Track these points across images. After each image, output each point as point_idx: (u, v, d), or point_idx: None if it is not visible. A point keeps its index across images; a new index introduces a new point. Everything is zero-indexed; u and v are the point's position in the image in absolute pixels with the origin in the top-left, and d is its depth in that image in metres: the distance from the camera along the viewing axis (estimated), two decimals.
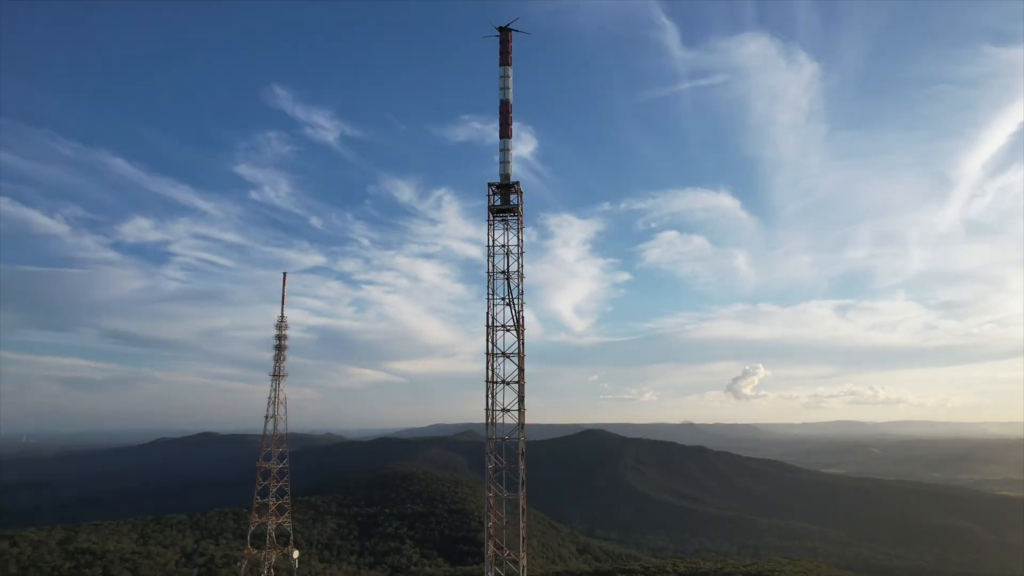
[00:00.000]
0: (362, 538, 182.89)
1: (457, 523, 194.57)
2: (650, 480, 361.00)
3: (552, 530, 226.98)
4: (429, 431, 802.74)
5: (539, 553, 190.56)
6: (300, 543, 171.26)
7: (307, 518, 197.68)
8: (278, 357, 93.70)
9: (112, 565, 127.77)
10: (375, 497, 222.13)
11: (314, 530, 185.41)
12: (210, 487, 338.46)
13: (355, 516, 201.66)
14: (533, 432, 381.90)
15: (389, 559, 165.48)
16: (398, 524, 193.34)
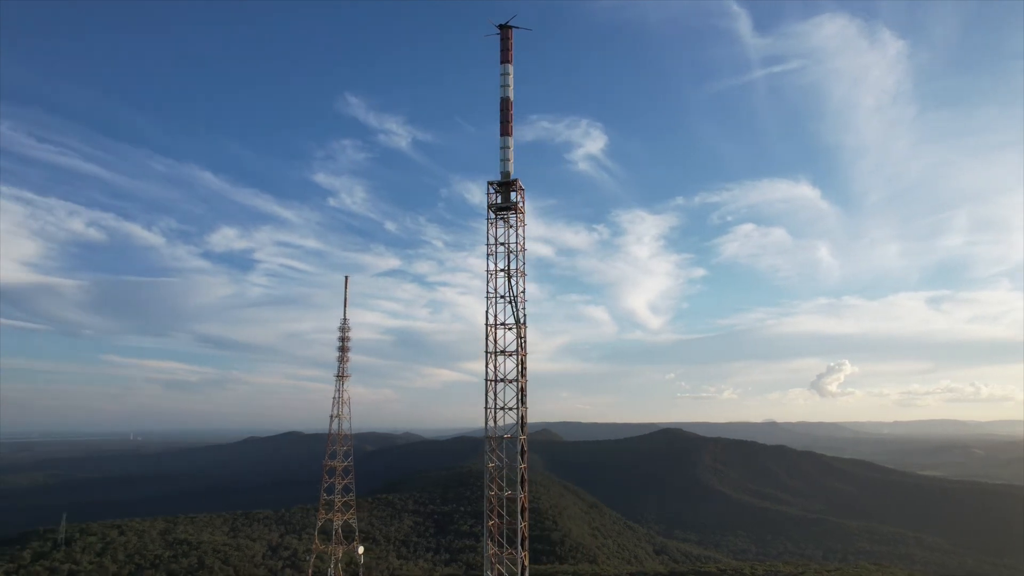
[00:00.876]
0: (437, 535, 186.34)
1: (531, 521, 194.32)
2: (730, 480, 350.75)
3: (628, 530, 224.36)
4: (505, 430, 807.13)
5: (614, 553, 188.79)
6: (378, 539, 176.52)
7: (385, 515, 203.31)
8: (341, 359, 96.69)
9: (206, 555, 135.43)
10: (450, 495, 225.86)
11: (391, 527, 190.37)
12: (295, 484, 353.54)
13: (431, 514, 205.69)
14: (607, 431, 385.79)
15: (464, 557, 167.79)
16: (473, 522, 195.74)
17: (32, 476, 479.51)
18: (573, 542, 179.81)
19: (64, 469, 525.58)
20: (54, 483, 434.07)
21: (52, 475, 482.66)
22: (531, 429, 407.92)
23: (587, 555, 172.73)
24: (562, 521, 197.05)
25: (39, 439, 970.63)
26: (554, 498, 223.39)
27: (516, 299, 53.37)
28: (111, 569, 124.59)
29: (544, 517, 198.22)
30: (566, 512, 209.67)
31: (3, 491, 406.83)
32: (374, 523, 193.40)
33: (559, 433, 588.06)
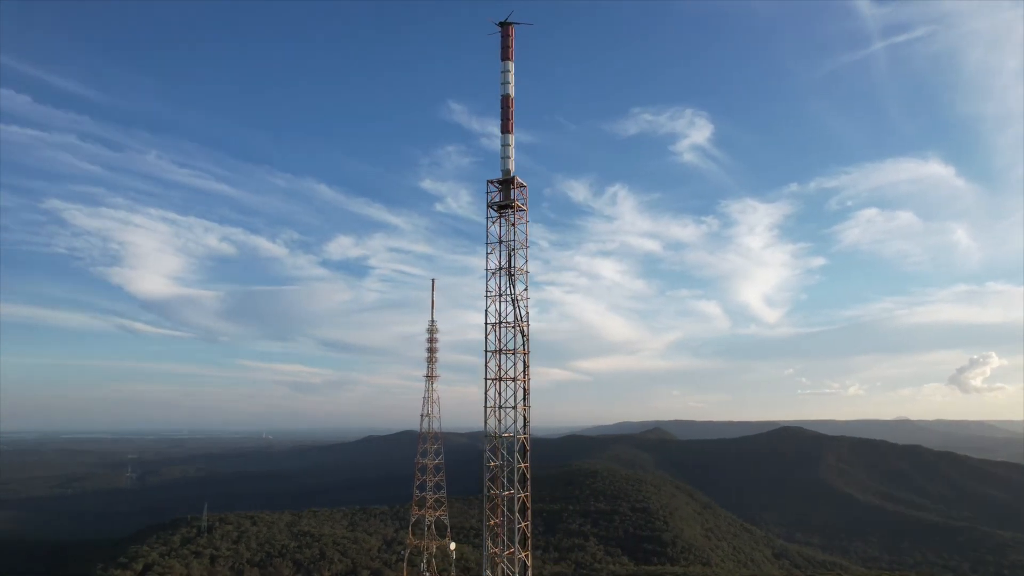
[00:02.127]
0: (547, 534, 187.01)
1: (641, 521, 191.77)
2: (856, 481, 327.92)
3: (744, 532, 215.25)
4: (615, 429, 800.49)
5: (729, 556, 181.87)
6: None
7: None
8: (430, 360, 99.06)
9: (327, 547, 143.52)
10: (559, 494, 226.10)
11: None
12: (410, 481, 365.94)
13: (540, 512, 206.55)
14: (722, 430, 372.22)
15: (573, 555, 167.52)
16: (582, 521, 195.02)
17: (183, 469, 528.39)
18: (685, 543, 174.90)
19: (208, 464, 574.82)
20: (200, 476, 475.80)
21: (199, 469, 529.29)
22: (642, 428, 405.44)
23: (700, 557, 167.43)
24: (673, 521, 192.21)
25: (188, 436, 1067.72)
26: (665, 498, 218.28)
27: (517, 298, 52.85)
28: (245, 555, 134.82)
29: (654, 517, 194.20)
30: (678, 513, 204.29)
31: (160, 482, 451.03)
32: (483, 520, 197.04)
33: (671, 431, 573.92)
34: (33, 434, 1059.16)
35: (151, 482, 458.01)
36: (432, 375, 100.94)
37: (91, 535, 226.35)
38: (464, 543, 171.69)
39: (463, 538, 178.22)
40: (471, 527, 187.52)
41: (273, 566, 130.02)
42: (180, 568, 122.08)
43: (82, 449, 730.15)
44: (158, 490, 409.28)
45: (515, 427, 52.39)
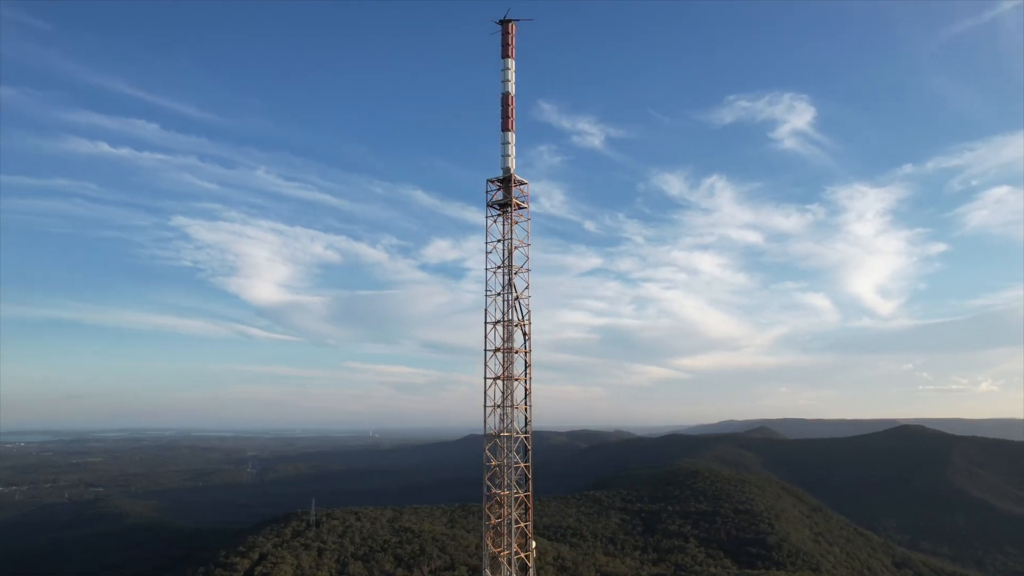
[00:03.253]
0: (645, 534, 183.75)
1: (744, 523, 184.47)
2: (990, 486, 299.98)
3: (859, 538, 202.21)
4: (719, 428, 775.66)
5: (841, 562, 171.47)
6: (585, 535, 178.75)
7: (592, 512, 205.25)
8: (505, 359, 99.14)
9: (426, 543, 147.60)
10: (658, 494, 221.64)
11: (598, 523, 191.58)
12: None
13: (639, 512, 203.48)
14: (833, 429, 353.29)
15: (672, 557, 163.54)
16: (682, 522, 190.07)
17: (296, 466, 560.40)
18: (792, 547, 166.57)
19: (318, 461, 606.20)
20: (311, 473, 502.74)
21: (311, 466, 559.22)
22: (747, 427, 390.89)
23: (808, 562, 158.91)
24: (779, 524, 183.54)
25: (301, 435, 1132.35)
26: (770, 499, 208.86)
27: (518, 297, 52.35)
28: (349, 549, 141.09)
29: (759, 519, 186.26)
30: (784, 515, 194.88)
31: (276, 478, 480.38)
32: (582, 519, 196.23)
33: (779, 431, 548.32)
34: (169, 432, 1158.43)
35: (268, 477, 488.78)
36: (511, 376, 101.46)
37: (217, 524, 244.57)
38: (562, 543, 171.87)
39: (560, 537, 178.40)
40: (568, 526, 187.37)
41: (375, 560, 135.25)
42: (291, 559, 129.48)
43: (209, 446, 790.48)
44: (274, 485, 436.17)
45: (511, 426, 52.59)
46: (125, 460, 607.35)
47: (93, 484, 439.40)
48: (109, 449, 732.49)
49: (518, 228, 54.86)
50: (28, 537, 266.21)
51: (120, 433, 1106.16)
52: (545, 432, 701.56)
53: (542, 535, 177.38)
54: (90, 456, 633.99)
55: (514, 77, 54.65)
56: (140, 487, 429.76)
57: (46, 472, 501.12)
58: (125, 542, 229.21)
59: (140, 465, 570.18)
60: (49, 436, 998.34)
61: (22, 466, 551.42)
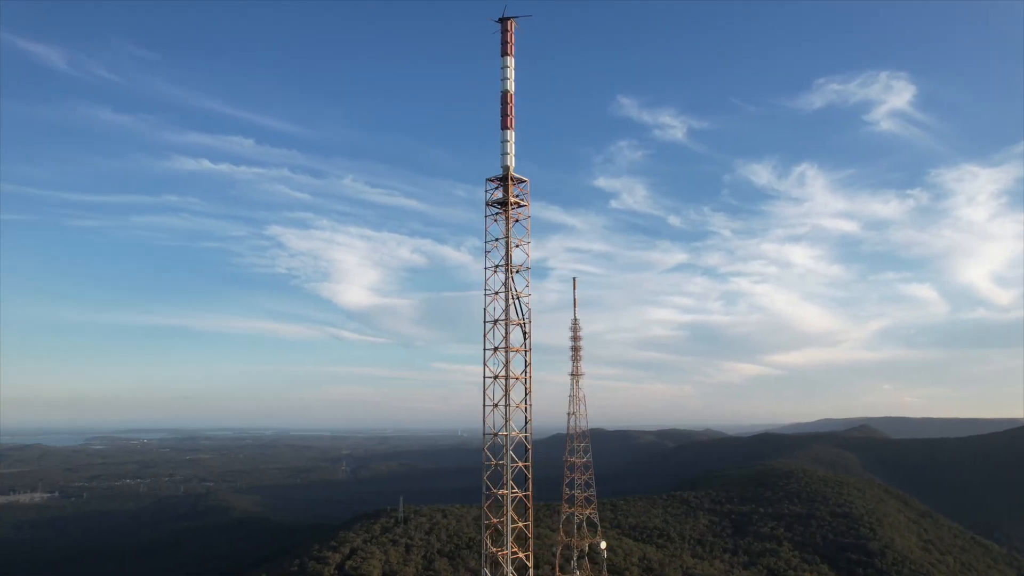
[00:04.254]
0: (735, 536, 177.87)
1: (843, 528, 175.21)
2: None
3: (976, 547, 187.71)
4: (816, 427, 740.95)
5: (956, 572, 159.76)
6: (672, 536, 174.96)
7: (679, 513, 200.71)
8: (575, 358, 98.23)
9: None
10: (749, 495, 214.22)
11: (686, 525, 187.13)
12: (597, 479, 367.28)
13: (728, 513, 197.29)
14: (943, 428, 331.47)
15: (764, 560, 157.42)
16: (774, 524, 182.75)
17: (388, 464, 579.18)
18: (897, 555, 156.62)
19: (409, 459, 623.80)
20: (402, 471, 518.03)
21: (402, 464, 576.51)
22: (847, 425, 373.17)
23: (916, 571, 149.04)
24: (882, 529, 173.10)
25: (392, 434, 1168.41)
26: (872, 503, 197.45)
27: (518, 296, 51.91)
28: (436, 546, 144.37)
29: (859, 523, 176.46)
30: (887, 520, 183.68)
31: (369, 476, 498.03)
32: (668, 520, 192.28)
33: (881, 430, 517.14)
34: (270, 431, 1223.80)
35: (361, 475, 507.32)
36: (577, 373, 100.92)
37: (313, 520, 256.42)
38: (648, 544, 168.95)
39: (646, 538, 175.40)
40: (654, 527, 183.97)
41: (460, 557, 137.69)
42: (379, 554, 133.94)
43: (306, 445, 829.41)
44: (367, 483, 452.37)
45: (509, 426, 52.70)
46: (231, 457, 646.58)
47: (204, 479, 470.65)
48: (217, 447, 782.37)
49: (518, 226, 54.79)
50: (149, 526, 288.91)
51: (227, 432, 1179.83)
52: (632, 431, 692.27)
53: (627, 535, 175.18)
54: (201, 453, 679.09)
55: (513, 75, 54.31)
56: (244, 483, 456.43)
57: (164, 467, 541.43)
58: (232, 534, 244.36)
59: (244, 462, 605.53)
60: (166, 434, 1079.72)
61: (145, 461, 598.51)
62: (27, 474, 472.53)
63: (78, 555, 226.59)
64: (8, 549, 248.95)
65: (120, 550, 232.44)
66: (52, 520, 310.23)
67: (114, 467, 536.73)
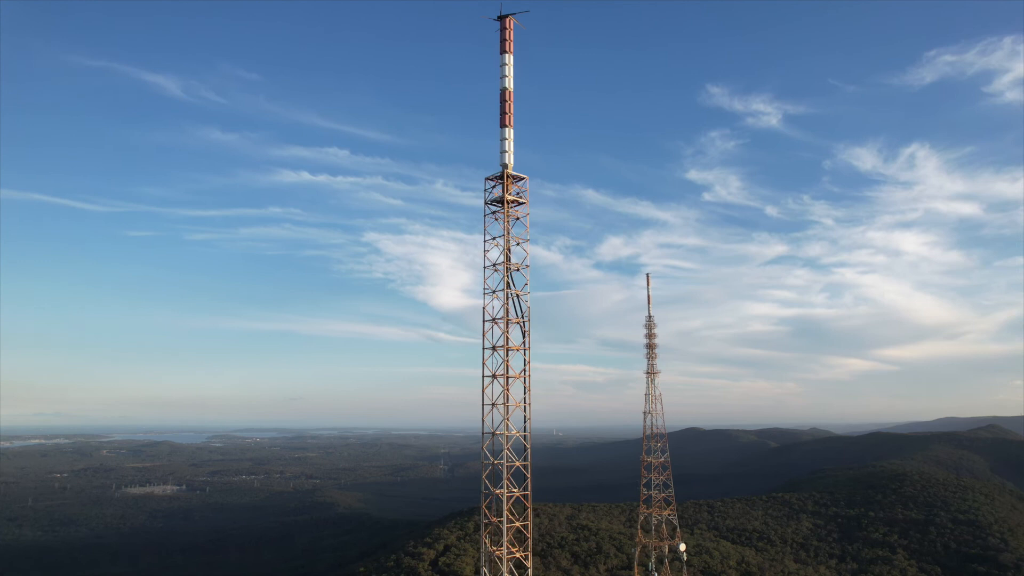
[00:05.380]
0: (842, 541, 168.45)
1: (967, 536, 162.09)
2: None
3: None
4: (936, 426, 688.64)
5: None
6: (772, 539, 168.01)
7: (780, 515, 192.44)
8: (649, 356, 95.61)
9: (603, 542, 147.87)
10: (858, 498, 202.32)
11: (788, 528, 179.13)
12: (692, 480, 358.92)
13: (834, 517, 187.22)
14: None
15: (876, 568, 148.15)
16: (887, 530, 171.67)
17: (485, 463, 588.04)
18: None
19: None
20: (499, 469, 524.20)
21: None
22: (972, 424, 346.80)
23: None
24: (1015, 540, 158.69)
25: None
26: (1002, 510, 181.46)
27: (518, 295, 51.65)
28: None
29: (987, 532, 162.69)
30: (1021, 529, 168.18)
31: (466, 474, 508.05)
32: (768, 523, 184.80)
33: (1014, 430, 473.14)
34: (372, 430, 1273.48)
35: (459, 473, 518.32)
36: (652, 371, 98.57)
37: (412, 516, 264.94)
38: (747, 546, 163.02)
39: (745, 541, 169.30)
40: (753, 529, 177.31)
41: (552, 556, 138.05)
42: (472, 551, 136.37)
43: (406, 444, 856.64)
44: (464, 480, 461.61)
45: (505, 425, 52.91)
46: (336, 456, 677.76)
47: (311, 476, 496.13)
48: (323, 445, 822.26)
49: (518, 224, 54.38)
50: (262, 520, 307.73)
51: (331, 431, 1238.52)
52: (731, 431, 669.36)
53: (725, 537, 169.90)
54: (308, 451, 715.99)
55: (512, 73, 53.35)
56: (348, 480, 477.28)
57: (275, 464, 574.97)
58: (336, 529, 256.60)
59: (348, 460, 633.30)
60: (276, 433, 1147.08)
61: (258, 458, 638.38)
62: (159, 468, 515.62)
63: (203, 543, 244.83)
64: (146, 535, 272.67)
65: (238, 540, 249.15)
66: (180, 510, 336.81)
67: (231, 463, 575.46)
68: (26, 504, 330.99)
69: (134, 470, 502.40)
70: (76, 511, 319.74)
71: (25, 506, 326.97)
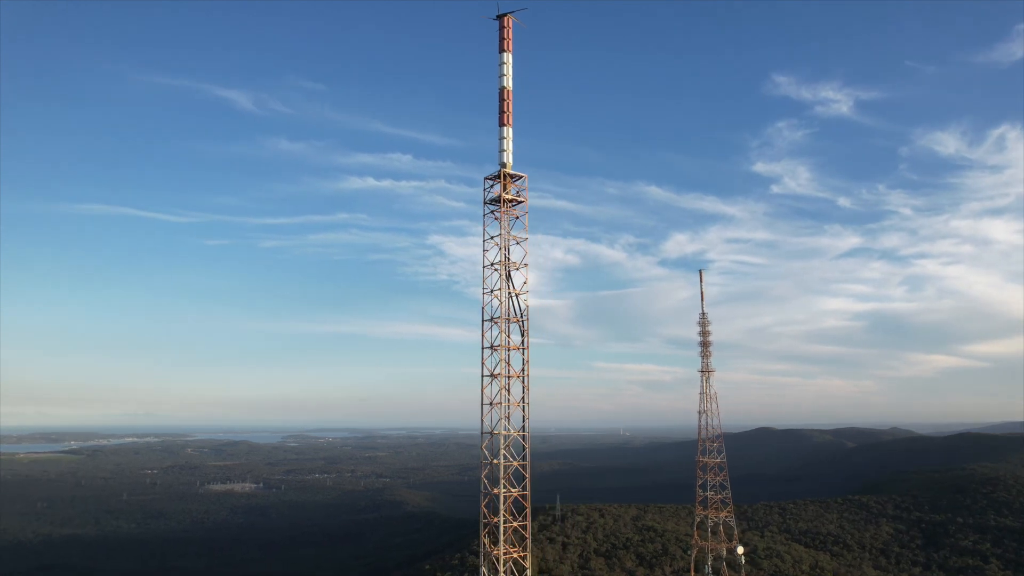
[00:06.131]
0: (927, 548, 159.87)
1: None
2: None
3: None
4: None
5: None
6: (849, 544, 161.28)
7: (857, 519, 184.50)
8: (704, 354, 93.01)
9: (669, 543, 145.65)
10: (943, 502, 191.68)
11: (866, 532, 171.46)
12: (764, 480, 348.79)
13: (917, 522, 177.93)
14: None
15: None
16: (977, 538, 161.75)
17: (550, 463, 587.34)
18: None
19: (570, 458, 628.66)
20: (563, 469, 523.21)
21: (563, 463, 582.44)
22: None
23: None
24: None
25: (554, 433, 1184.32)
26: None
27: (517, 295, 51.58)
28: (592, 545, 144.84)
29: None
30: None
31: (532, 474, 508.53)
32: (844, 526, 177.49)
33: None
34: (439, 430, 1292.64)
35: None
36: (706, 370, 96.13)
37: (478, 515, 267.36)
38: (820, 551, 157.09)
39: (819, 545, 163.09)
40: (828, 533, 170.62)
41: (617, 557, 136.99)
42: (536, 551, 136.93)
43: (473, 443, 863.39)
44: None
45: (499, 424, 52.56)
46: (404, 455, 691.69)
47: (381, 475, 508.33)
48: (392, 445, 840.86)
49: (516, 223, 53.99)
50: (335, 517, 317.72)
51: (400, 431, 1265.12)
52: (805, 430, 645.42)
53: (797, 541, 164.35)
54: (378, 451, 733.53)
55: (511, 72, 52.59)
56: (417, 479, 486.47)
57: (347, 463, 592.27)
58: (406, 527, 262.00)
59: (416, 460, 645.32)
60: (347, 433, 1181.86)
61: (330, 457, 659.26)
62: (238, 467, 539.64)
63: (279, 539, 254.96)
64: (228, 530, 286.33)
65: (312, 537, 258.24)
66: (258, 507, 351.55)
67: (305, 462, 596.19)
68: (121, 498, 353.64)
69: (215, 468, 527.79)
70: (165, 506, 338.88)
71: (121, 500, 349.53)
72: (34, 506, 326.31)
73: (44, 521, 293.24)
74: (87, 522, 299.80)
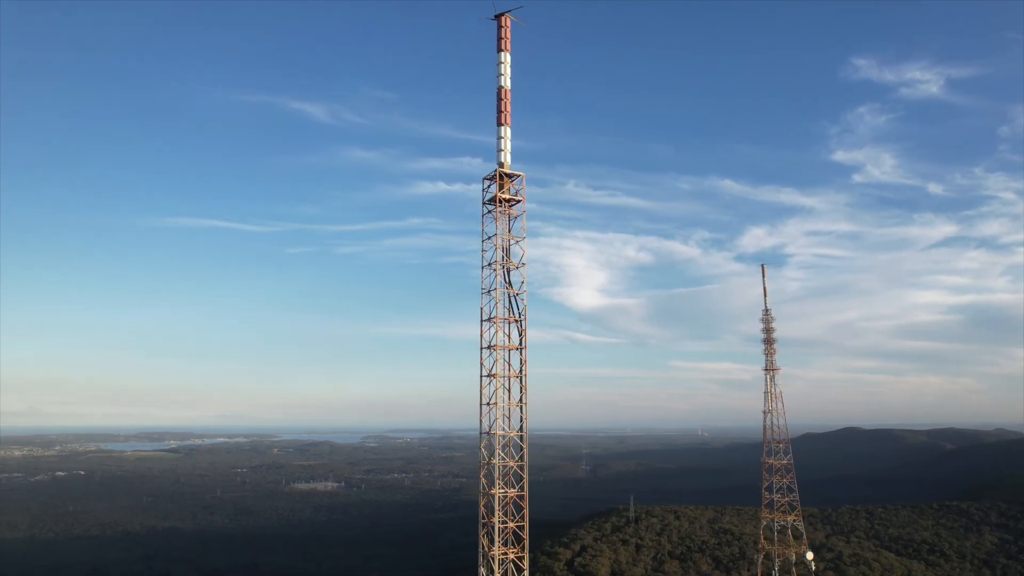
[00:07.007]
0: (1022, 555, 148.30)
1: None
2: None
3: None
4: None
5: None
6: (947, 553, 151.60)
7: (956, 527, 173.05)
8: (768, 351, 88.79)
9: (747, 547, 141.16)
10: None
11: (966, 541, 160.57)
12: (850, 482, 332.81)
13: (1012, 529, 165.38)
14: None
15: None
16: None
17: (626, 463, 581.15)
18: None
19: (647, 459, 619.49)
20: (640, 470, 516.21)
21: (640, 463, 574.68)
22: None
23: None
24: None
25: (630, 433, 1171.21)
26: None
27: (516, 295, 52.14)
28: (666, 548, 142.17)
29: None
30: None
31: (607, 475, 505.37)
32: (941, 534, 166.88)
33: None
34: None
35: (601, 474, 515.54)
36: (771, 368, 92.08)
37: (551, 516, 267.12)
38: (914, 560, 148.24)
39: (913, 553, 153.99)
40: (922, 540, 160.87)
41: (692, 560, 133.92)
42: (609, 552, 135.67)
43: (549, 443, 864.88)
44: (605, 481, 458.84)
45: (494, 424, 53.05)
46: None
47: (457, 475, 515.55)
48: (468, 445, 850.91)
49: (515, 223, 53.53)
50: (413, 516, 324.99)
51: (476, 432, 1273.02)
52: (897, 430, 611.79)
53: (887, 547, 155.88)
54: (454, 451, 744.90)
55: (509, 71, 51.86)
56: None
57: (424, 463, 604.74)
58: None
59: None
60: (425, 433, 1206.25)
61: (408, 457, 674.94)
62: (321, 466, 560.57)
63: (360, 537, 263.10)
64: (312, 527, 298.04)
65: (391, 536, 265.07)
66: (340, 506, 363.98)
67: (384, 462, 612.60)
68: (215, 495, 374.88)
69: (300, 467, 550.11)
70: (254, 503, 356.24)
71: (215, 496, 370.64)
72: (141, 500, 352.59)
73: (149, 515, 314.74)
74: (185, 516, 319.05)
